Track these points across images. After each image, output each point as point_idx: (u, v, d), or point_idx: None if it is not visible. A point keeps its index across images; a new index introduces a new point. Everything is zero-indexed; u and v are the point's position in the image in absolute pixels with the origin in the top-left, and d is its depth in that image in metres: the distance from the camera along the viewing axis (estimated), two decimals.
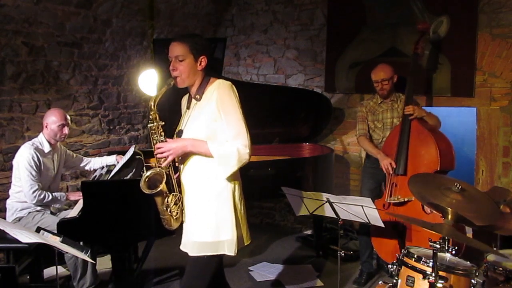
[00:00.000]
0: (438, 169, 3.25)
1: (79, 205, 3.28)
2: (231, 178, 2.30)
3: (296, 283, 3.75)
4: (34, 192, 3.28)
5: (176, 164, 2.45)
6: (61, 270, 3.74)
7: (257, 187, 3.65)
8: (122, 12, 4.31)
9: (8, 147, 3.84)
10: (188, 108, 2.42)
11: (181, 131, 2.37)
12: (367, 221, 3.03)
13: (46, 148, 3.44)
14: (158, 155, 2.29)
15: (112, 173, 3.39)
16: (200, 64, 2.31)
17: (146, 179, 2.27)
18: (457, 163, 3.39)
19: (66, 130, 3.47)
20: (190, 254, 2.32)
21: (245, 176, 2.35)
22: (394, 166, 3.44)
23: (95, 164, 3.85)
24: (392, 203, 3.41)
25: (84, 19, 4.07)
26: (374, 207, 2.92)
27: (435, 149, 3.27)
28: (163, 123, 2.31)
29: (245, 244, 2.38)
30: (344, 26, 4.63)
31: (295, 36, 5.01)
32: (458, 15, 3.94)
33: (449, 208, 2.30)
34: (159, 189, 2.25)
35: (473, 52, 3.90)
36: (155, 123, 2.29)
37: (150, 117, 2.30)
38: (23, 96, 3.91)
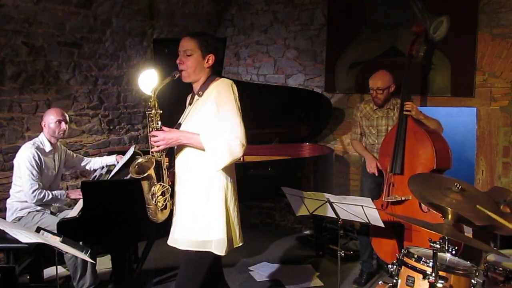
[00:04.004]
0: (435, 168, 3.26)
1: (79, 205, 3.28)
2: (224, 178, 2.29)
3: (296, 283, 3.75)
4: (34, 191, 3.28)
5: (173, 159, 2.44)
6: (61, 270, 3.74)
7: (257, 187, 3.65)
8: (122, 12, 4.31)
9: (8, 147, 3.84)
10: (190, 104, 2.43)
11: (179, 124, 2.37)
12: (367, 221, 3.03)
13: (47, 147, 3.44)
14: (152, 142, 2.28)
15: (112, 173, 3.39)
16: (207, 61, 2.34)
17: (136, 166, 2.28)
18: (457, 163, 3.39)
19: (63, 125, 3.47)
20: (179, 247, 2.33)
21: (246, 176, 2.35)
22: (376, 172, 3.60)
23: (95, 164, 3.85)
24: (390, 202, 3.42)
25: (84, 19, 4.07)
26: (374, 207, 2.92)
27: (431, 147, 3.28)
28: (161, 111, 2.30)
29: (235, 246, 2.36)
30: (344, 26, 4.63)
31: (295, 36, 5.01)
32: (458, 15, 3.94)
33: (449, 208, 2.30)
34: (147, 173, 2.24)
35: (473, 52, 3.90)
36: (153, 111, 2.28)
37: (149, 104, 2.29)
38: (23, 96, 3.91)
